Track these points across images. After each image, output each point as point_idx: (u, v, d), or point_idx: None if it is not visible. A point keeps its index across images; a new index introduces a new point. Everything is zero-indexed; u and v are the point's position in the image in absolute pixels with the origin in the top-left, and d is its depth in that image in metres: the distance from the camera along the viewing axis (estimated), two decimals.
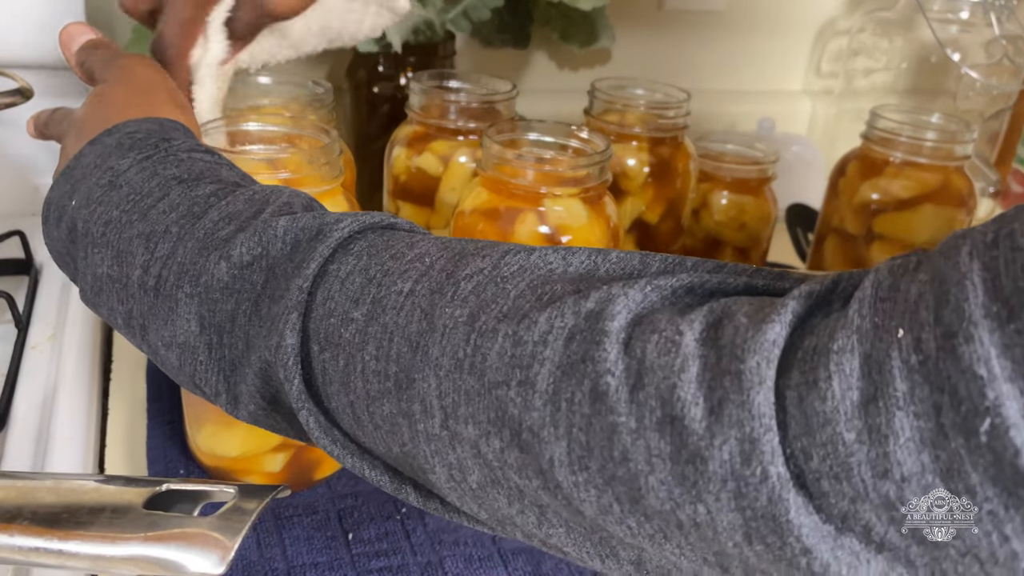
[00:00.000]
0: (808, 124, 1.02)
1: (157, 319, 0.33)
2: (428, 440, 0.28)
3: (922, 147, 0.66)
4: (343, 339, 0.29)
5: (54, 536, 0.30)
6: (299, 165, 0.45)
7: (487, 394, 0.26)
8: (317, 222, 0.32)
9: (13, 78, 0.60)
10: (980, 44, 0.85)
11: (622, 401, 0.23)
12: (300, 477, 0.50)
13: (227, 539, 0.29)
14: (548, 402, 0.25)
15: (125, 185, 0.35)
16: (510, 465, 0.26)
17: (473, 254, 0.30)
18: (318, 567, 0.44)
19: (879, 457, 0.20)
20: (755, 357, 0.22)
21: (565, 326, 0.25)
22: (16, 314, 0.59)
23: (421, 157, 0.63)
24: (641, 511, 0.24)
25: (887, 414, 0.20)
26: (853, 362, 0.21)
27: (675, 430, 0.23)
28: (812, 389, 0.21)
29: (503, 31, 0.84)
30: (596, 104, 0.68)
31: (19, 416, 0.51)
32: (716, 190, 0.73)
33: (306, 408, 0.30)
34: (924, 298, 0.21)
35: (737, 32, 0.96)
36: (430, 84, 0.65)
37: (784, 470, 0.21)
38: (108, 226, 0.34)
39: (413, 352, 0.28)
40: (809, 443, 0.21)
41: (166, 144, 0.37)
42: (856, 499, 0.21)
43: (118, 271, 0.34)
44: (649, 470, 0.23)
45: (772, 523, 0.22)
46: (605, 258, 0.28)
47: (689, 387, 0.22)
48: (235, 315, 0.32)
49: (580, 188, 0.50)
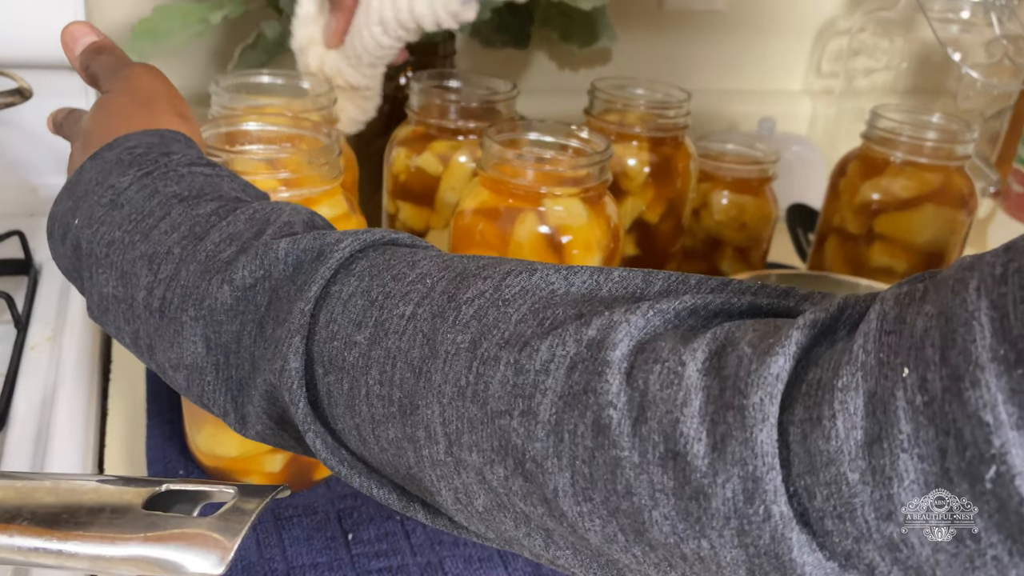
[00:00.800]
0: (808, 124, 1.02)
1: (163, 340, 0.33)
2: (433, 465, 0.28)
3: (923, 147, 0.66)
4: (347, 363, 0.29)
5: (53, 536, 0.30)
6: (299, 165, 0.45)
7: (490, 423, 0.26)
8: (318, 243, 0.32)
9: (13, 78, 0.60)
10: (981, 44, 0.85)
11: (625, 435, 0.23)
12: (300, 477, 0.50)
13: (227, 539, 0.29)
14: (551, 433, 0.25)
15: (126, 204, 0.35)
16: (515, 492, 0.26)
17: (475, 275, 0.29)
18: (318, 567, 0.44)
19: (883, 499, 0.20)
20: (759, 392, 0.22)
21: (567, 354, 0.25)
22: (16, 314, 0.59)
23: (421, 157, 0.63)
24: (646, 542, 0.24)
25: (891, 456, 0.20)
26: (857, 400, 0.21)
27: (678, 466, 0.22)
28: (816, 427, 0.21)
29: (503, 31, 0.84)
30: (596, 104, 0.68)
31: (18, 416, 0.51)
32: (716, 190, 0.73)
33: (312, 430, 0.30)
34: (930, 334, 0.20)
35: (737, 32, 0.96)
36: (430, 84, 0.65)
37: (787, 509, 0.21)
38: (111, 247, 0.34)
39: (416, 378, 0.28)
40: (813, 482, 0.21)
41: (166, 159, 0.36)
42: (860, 539, 0.21)
43: (123, 292, 0.34)
44: (653, 505, 0.23)
45: (775, 560, 0.22)
46: (607, 277, 0.28)
47: (692, 422, 0.22)
48: (240, 336, 0.32)
49: (580, 188, 0.50)
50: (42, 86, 0.60)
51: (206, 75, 0.80)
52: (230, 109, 0.55)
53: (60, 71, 0.69)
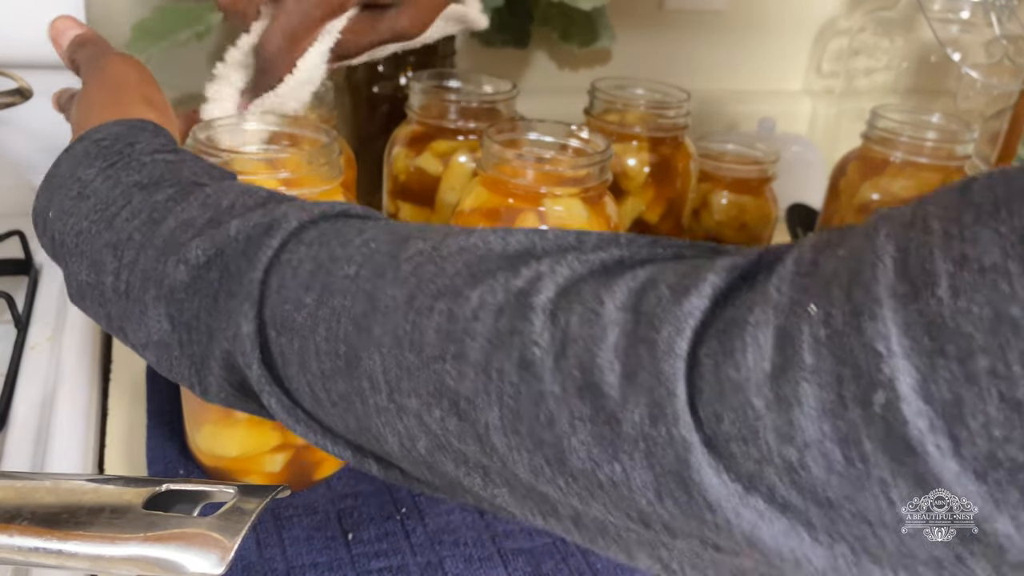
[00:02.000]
0: (809, 124, 1.02)
1: (132, 322, 0.35)
2: (378, 412, 0.29)
3: (923, 147, 0.66)
4: (296, 323, 0.31)
5: (53, 536, 0.30)
6: (299, 165, 0.45)
7: (425, 368, 0.27)
8: (267, 218, 0.33)
9: (13, 78, 0.60)
10: (981, 44, 0.85)
11: (547, 370, 0.25)
12: (300, 477, 0.50)
13: (227, 539, 0.29)
14: (480, 372, 0.26)
15: (92, 196, 0.37)
16: (451, 432, 0.28)
17: (416, 237, 0.31)
18: (318, 567, 0.44)
19: (784, 424, 0.21)
20: (668, 328, 0.23)
21: (496, 302, 0.27)
22: (16, 314, 0.59)
23: (421, 157, 0.63)
24: (568, 472, 0.25)
25: (794, 384, 0.21)
26: (767, 335, 0.22)
27: (594, 395, 0.24)
28: (728, 358, 0.22)
29: (503, 31, 0.84)
30: (596, 104, 0.68)
31: (18, 416, 0.51)
32: (716, 190, 0.73)
33: (267, 390, 0.32)
34: (838, 275, 0.22)
35: (737, 32, 0.96)
36: (430, 84, 0.65)
37: (689, 432, 0.23)
38: (80, 237, 0.36)
39: (358, 332, 0.29)
40: (721, 408, 0.22)
41: (129, 149, 0.38)
42: (761, 461, 0.22)
43: (95, 278, 0.36)
44: (572, 432, 0.25)
45: (679, 480, 0.23)
46: (542, 237, 0.29)
47: (607, 355, 0.24)
48: (199, 312, 0.33)
49: (580, 188, 0.50)
50: (42, 86, 0.60)
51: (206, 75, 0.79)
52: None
53: (60, 71, 0.69)
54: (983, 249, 0.19)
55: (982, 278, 0.19)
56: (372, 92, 0.77)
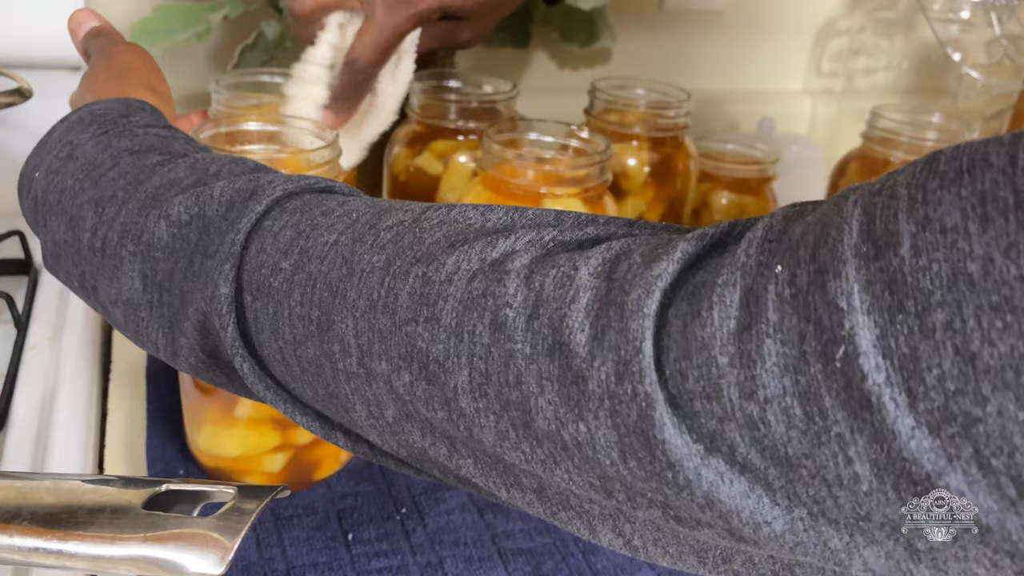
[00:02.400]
0: (809, 124, 1.02)
1: (104, 278, 0.35)
2: (348, 378, 0.29)
3: (923, 147, 0.66)
4: (272, 288, 0.31)
5: (53, 536, 0.30)
6: (299, 165, 0.45)
7: (398, 331, 0.28)
8: (252, 184, 0.33)
9: (13, 78, 0.60)
10: (981, 44, 0.84)
11: (519, 330, 0.25)
12: (300, 477, 0.49)
13: (226, 540, 0.29)
14: (452, 335, 0.26)
15: (81, 157, 0.37)
16: (419, 398, 0.28)
17: (398, 209, 0.32)
18: (318, 567, 0.44)
19: (747, 380, 0.22)
20: (638, 290, 0.24)
21: (470, 267, 0.27)
22: (15, 314, 0.59)
23: (421, 157, 0.63)
24: (533, 435, 0.25)
25: (757, 341, 0.22)
26: (734, 295, 0.22)
27: (562, 354, 0.24)
28: (695, 318, 0.23)
29: (503, 31, 0.84)
30: (596, 104, 0.68)
31: (18, 416, 0.51)
32: (716, 190, 0.73)
33: (240, 355, 0.32)
34: (805, 238, 0.22)
35: (738, 32, 0.96)
36: (430, 84, 0.65)
37: (653, 389, 0.23)
38: (63, 194, 0.36)
39: (333, 296, 0.29)
40: (686, 366, 0.23)
41: (124, 120, 0.39)
42: (724, 419, 0.22)
43: (72, 236, 0.36)
44: (539, 392, 0.25)
45: (642, 438, 0.23)
46: (522, 215, 0.30)
47: (577, 316, 0.24)
48: (173, 273, 0.33)
49: (580, 188, 0.50)
50: (42, 86, 0.60)
51: (206, 75, 0.80)
52: (230, 108, 0.55)
53: (60, 71, 0.69)
54: (945, 211, 0.20)
55: (943, 237, 0.20)
56: None
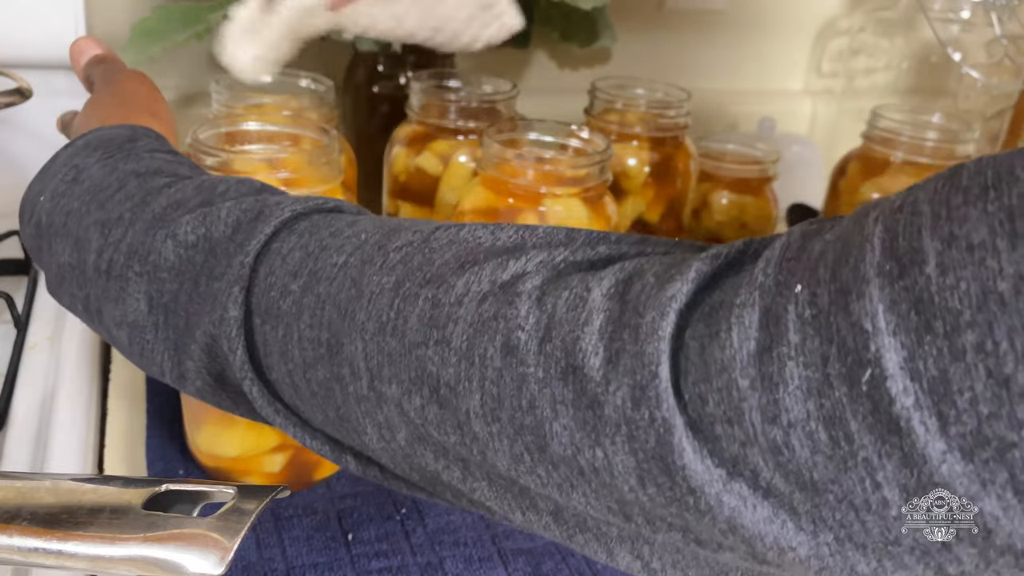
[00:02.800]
0: (809, 124, 1.02)
1: (109, 301, 0.35)
2: (358, 401, 0.29)
3: (923, 147, 0.66)
4: (281, 310, 0.31)
5: (53, 537, 0.30)
6: (299, 164, 0.45)
7: (408, 354, 0.27)
8: (259, 205, 0.33)
9: (13, 78, 0.60)
10: (981, 44, 0.84)
11: (531, 353, 0.25)
12: (300, 477, 0.49)
13: (226, 540, 0.29)
14: (463, 358, 0.26)
15: (87, 180, 0.37)
16: (431, 421, 0.27)
17: (406, 229, 0.31)
18: (318, 567, 0.44)
19: (769, 403, 0.21)
20: (652, 312, 0.23)
21: (481, 289, 0.27)
22: (15, 314, 0.59)
23: (421, 157, 0.63)
24: (548, 459, 0.25)
25: (779, 363, 0.21)
26: (753, 315, 0.22)
27: (576, 378, 0.24)
28: (713, 339, 0.22)
29: None
30: (596, 104, 0.68)
31: (18, 416, 0.51)
32: (717, 190, 0.73)
33: (249, 378, 0.32)
34: (824, 257, 0.22)
35: (738, 32, 0.96)
36: (430, 84, 0.65)
37: (672, 415, 0.22)
38: (69, 216, 0.36)
39: (342, 318, 0.29)
40: (706, 389, 0.22)
41: (131, 145, 0.39)
42: (746, 443, 0.21)
43: (77, 258, 0.35)
44: (553, 416, 0.24)
45: (662, 464, 0.23)
46: (532, 233, 0.29)
47: (591, 338, 0.24)
48: (178, 295, 0.33)
49: (580, 188, 0.50)
50: (42, 86, 0.60)
51: (206, 75, 0.79)
52: (230, 108, 0.55)
53: (60, 71, 0.69)
54: (971, 228, 0.19)
55: (970, 255, 0.19)
56: (372, 92, 0.77)
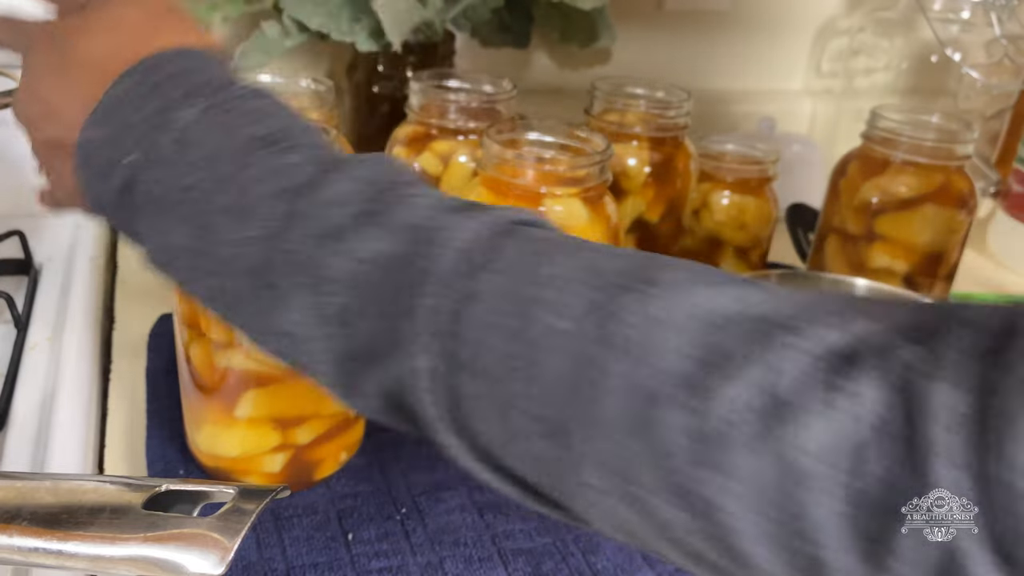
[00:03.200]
0: (809, 124, 1.02)
1: (252, 304, 0.31)
2: (585, 490, 0.26)
3: (923, 147, 0.66)
4: (488, 370, 0.27)
5: (53, 537, 0.30)
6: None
7: (664, 466, 0.24)
8: (447, 222, 0.30)
9: (13, 78, 0.60)
10: (981, 44, 0.85)
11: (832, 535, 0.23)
12: (300, 477, 0.49)
13: (226, 540, 0.29)
14: (745, 493, 0.23)
15: (195, 145, 0.32)
16: (693, 533, 0.25)
17: (626, 288, 0.27)
18: (318, 567, 0.44)
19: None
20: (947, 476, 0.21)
21: (751, 403, 0.23)
22: (15, 314, 0.59)
23: (421, 157, 0.63)
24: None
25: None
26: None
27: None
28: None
29: (503, 31, 0.84)
30: (596, 104, 0.68)
31: (18, 416, 0.51)
32: (717, 190, 0.73)
33: (442, 429, 0.29)
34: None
35: (738, 32, 0.96)
36: (430, 84, 0.65)
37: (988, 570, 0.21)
38: (187, 193, 0.31)
39: (574, 401, 0.26)
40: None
41: (223, 91, 0.33)
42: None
43: (200, 244, 0.31)
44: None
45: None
46: (778, 298, 0.26)
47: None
48: (363, 310, 0.29)
49: (580, 188, 0.50)
50: None
51: None
52: None
53: None
54: None
55: None
56: (372, 92, 0.77)
